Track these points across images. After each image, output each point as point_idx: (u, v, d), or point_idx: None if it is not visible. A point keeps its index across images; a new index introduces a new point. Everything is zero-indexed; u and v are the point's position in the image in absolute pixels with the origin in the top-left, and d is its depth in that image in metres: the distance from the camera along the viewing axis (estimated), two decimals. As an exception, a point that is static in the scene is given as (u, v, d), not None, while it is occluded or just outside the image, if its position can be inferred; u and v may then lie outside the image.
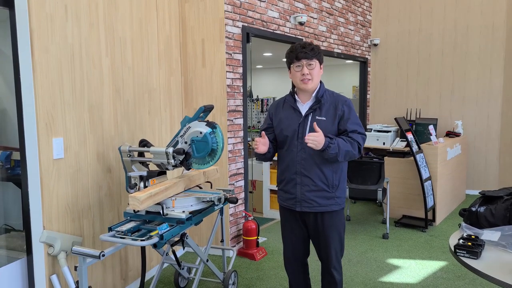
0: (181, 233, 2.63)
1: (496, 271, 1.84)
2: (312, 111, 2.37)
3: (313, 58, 2.33)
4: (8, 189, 2.97)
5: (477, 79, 6.24)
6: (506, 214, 2.26)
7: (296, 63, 2.35)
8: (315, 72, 2.35)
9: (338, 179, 2.40)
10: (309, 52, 2.32)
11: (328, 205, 2.38)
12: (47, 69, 2.49)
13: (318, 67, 2.38)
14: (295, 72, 2.37)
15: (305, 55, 2.32)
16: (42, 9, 2.45)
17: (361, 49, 6.73)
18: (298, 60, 2.33)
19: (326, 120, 2.34)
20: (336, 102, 2.38)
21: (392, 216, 5.05)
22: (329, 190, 2.37)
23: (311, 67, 2.34)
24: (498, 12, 6.03)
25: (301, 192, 2.39)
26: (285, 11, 4.70)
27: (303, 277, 2.64)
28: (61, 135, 2.60)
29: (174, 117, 3.84)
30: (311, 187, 2.37)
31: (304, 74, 2.33)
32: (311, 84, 2.35)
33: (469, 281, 3.43)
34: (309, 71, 2.33)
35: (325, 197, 2.37)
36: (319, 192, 2.37)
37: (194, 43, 3.93)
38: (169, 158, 2.62)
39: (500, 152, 6.18)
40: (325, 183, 2.36)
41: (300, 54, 2.32)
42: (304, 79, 2.34)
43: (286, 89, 2.60)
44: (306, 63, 2.33)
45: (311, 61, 2.33)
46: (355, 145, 2.31)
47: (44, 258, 2.51)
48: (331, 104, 2.37)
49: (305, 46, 2.34)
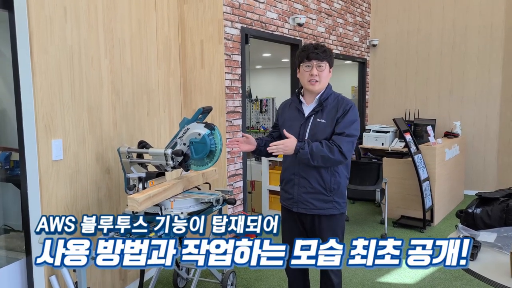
0: (180, 234, 2.64)
1: (492, 273, 1.85)
2: (314, 113, 2.36)
3: (324, 60, 2.32)
4: (7, 190, 2.98)
5: (475, 79, 6.26)
6: (502, 215, 2.28)
7: (306, 62, 2.33)
8: (324, 74, 2.33)
9: (337, 183, 2.36)
10: (320, 53, 2.30)
11: (325, 209, 2.36)
12: (46, 70, 2.50)
13: (328, 70, 2.36)
14: (304, 72, 2.35)
15: (317, 56, 2.30)
16: (42, 10, 2.46)
17: (360, 49, 6.74)
18: (309, 60, 2.32)
19: (326, 122, 2.33)
20: (339, 105, 2.35)
21: (390, 216, 5.07)
22: (326, 193, 2.35)
23: (321, 68, 2.32)
24: (497, 12, 6.05)
25: (298, 193, 2.40)
26: (283, 12, 4.71)
27: (303, 279, 2.64)
28: (60, 136, 2.61)
29: (173, 118, 3.85)
30: (308, 189, 2.37)
31: (313, 75, 2.31)
32: (318, 86, 2.34)
33: (466, 282, 3.45)
34: (318, 72, 2.32)
35: (322, 200, 2.36)
36: (316, 194, 2.36)
37: (193, 44, 3.94)
38: (168, 160, 2.63)
39: (499, 152, 6.19)
40: (322, 186, 2.35)
41: (311, 54, 2.30)
42: (312, 80, 2.32)
43: (286, 89, 2.60)
44: (316, 64, 2.31)
45: (321, 63, 2.32)
46: (334, 149, 2.23)
47: (43, 259, 2.52)
48: (334, 107, 2.35)
49: (317, 47, 2.32)
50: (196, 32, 3.92)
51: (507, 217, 2.25)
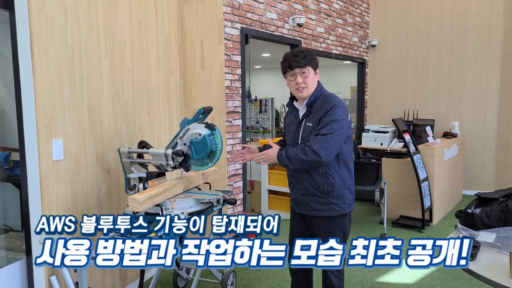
0: (180, 234, 2.65)
1: (491, 272, 1.86)
2: (305, 117, 2.40)
3: (306, 65, 2.31)
4: (6, 190, 2.98)
5: (474, 80, 6.28)
6: (501, 215, 2.29)
7: (290, 72, 2.34)
8: (309, 79, 2.33)
9: (331, 185, 2.33)
10: (301, 60, 2.29)
11: (323, 210, 2.37)
12: (47, 71, 2.50)
13: (313, 74, 2.35)
14: (290, 81, 2.38)
15: (298, 63, 2.29)
16: (42, 11, 2.46)
17: (359, 50, 6.76)
18: (291, 69, 2.32)
19: (312, 125, 2.34)
20: (325, 107, 2.31)
21: (389, 216, 5.08)
22: (321, 195, 2.36)
23: (305, 75, 2.32)
24: (495, 14, 6.07)
25: (296, 195, 2.46)
26: (283, 12, 4.72)
27: (306, 279, 2.64)
28: (61, 136, 2.62)
29: (173, 118, 3.85)
30: (303, 191, 2.42)
31: (298, 83, 2.32)
32: (306, 91, 2.35)
33: (465, 281, 3.46)
34: (303, 79, 2.32)
35: (318, 202, 2.37)
36: (311, 196, 2.39)
37: (193, 44, 3.94)
38: (168, 160, 2.64)
39: (497, 152, 6.21)
40: (316, 188, 2.36)
41: (292, 63, 2.30)
42: (298, 87, 2.34)
43: (285, 89, 2.60)
44: (299, 71, 2.31)
45: (304, 69, 2.31)
46: (307, 150, 2.21)
47: (43, 259, 2.52)
48: (320, 109, 2.33)
49: (297, 55, 2.31)
50: (196, 32, 3.92)
51: (507, 217, 2.26)
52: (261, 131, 8.58)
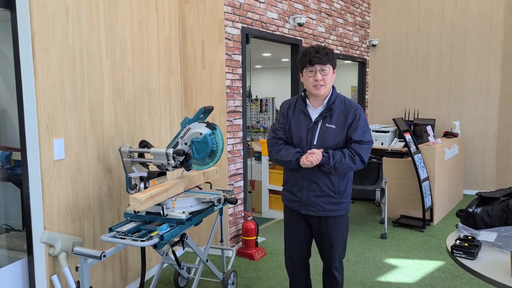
0: (181, 234, 2.65)
1: (492, 272, 1.86)
2: (323, 118, 2.32)
3: (327, 63, 2.25)
4: (7, 189, 2.99)
5: (474, 79, 6.28)
6: (502, 215, 2.29)
7: (309, 67, 2.26)
8: (328, 77, 2.27)
9: (345, 185, 2.38)
10: (323, 57, 2.23)
11: (333, 210, 2.38)
12: (48, 70, 2.51)
13: (332, 72, 2.30)
14: (308, 77, 2.29)
15: (319, 60, 2.23)
16: (44, 10, 2.47)
17: (360, 49, 6.76)
18: (312, 65, 2.25)
19: (336, 128, 2.30)
20: (348, 110, 2.32)
21: (390, 216, 5.08)
22: (335, 196, 2.36)
23: (325, 72, 2.26)
24: (496, 13, 6.06)
25: (307, 196, 2.38)
26: (284, 12, 4.72)
27: (304, 278, 2.64)
28: (62, 136, 2.62)
29: (174, 118, 3.85)
30: (317, 193, 2.35)
31: (317, 80, 2.25)
32: (324, 89, 2.29)
33: (466, 281, 3.46)
34: (322, 77, 2.25)
35: (330, 202, 2.36)
36: (325, 197, 2.35)
37: (194, 44, 3.94)
38: (169, 159, 2.64)
39: (497, 152, 6.21)
40: (332, 189, 2.35)
41: (314, 59, 2.23)
42: (317, 85, 2.27)
43: (285, 89, 2.61)
44: (319, 68, 2.25)
45: (324, 67, 2.25)
46: (356, 159, 2.27)
47: (44, 259, 2.52)
48: (342, 112, 2.32)
49: (319, 51, 2.24)
50: (197, 32, 3.92)
51: (507, 217, 2.26)
52: (262, 130, 8.59)
